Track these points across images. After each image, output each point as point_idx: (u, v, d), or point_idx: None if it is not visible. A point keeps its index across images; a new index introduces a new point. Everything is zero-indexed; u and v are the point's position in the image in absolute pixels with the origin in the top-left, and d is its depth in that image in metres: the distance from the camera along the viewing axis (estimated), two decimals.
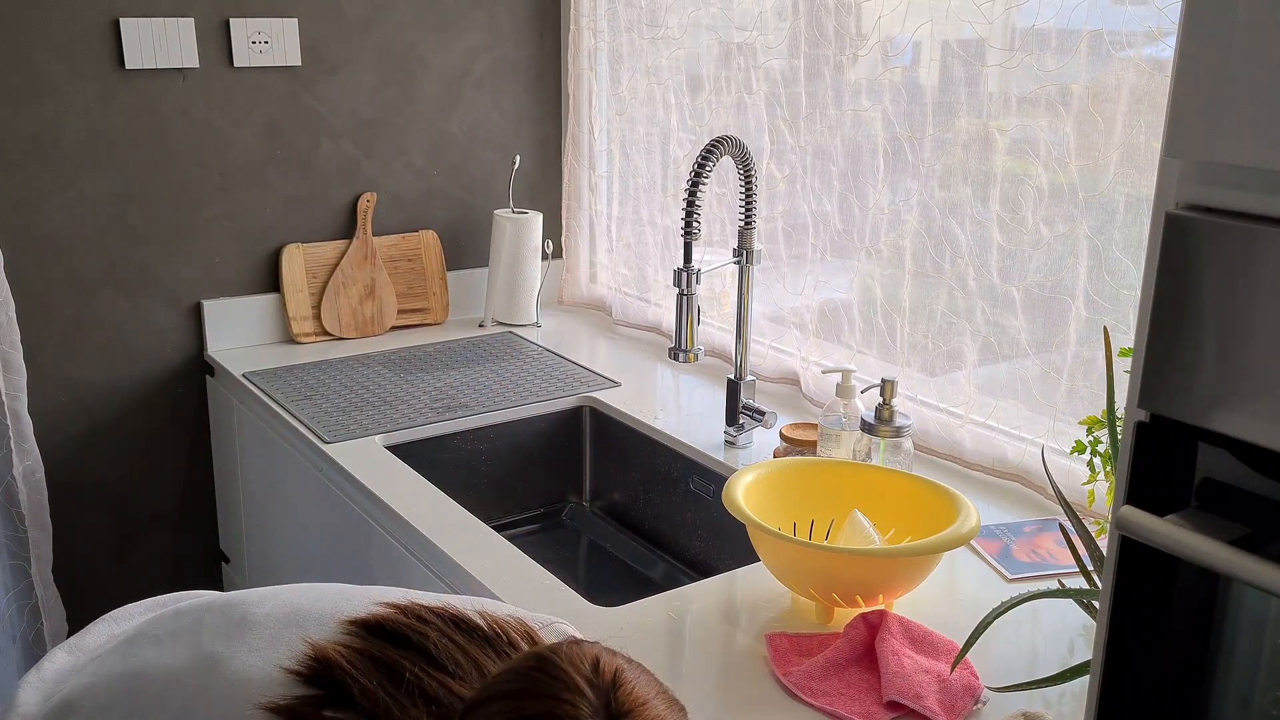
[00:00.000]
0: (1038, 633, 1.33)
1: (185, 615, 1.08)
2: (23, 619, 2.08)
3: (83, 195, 2.15)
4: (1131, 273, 1.53)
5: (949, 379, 1.81)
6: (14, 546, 2.05)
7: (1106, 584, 0.82)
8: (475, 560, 1.49)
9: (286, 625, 1.01)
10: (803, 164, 2.00)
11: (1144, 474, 0.78)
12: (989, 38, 1.64)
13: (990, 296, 1.72)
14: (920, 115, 1.78)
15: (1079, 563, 1.22)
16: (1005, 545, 1.53)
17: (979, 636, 1.11)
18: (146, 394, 2.30)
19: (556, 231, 2.65)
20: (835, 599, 1.32)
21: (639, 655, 1.28)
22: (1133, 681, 0.81)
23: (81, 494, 2.26)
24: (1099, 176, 1.54)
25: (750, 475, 1.46)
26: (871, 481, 1.51)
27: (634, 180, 2.45)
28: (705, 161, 1.71)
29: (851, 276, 1.95)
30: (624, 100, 2.43)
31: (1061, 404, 1.65)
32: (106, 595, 2.34)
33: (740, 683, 1.23)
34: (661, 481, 1.96)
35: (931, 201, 1.78)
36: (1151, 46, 1.45)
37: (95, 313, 2.21)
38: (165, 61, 2.16)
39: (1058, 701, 1.20)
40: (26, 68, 2.05)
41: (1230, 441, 0.73)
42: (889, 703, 1.18)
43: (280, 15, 2.25)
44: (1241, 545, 0.70)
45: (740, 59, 2.10)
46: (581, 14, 2.46)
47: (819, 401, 1.97)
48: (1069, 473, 1.57)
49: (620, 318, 2.50)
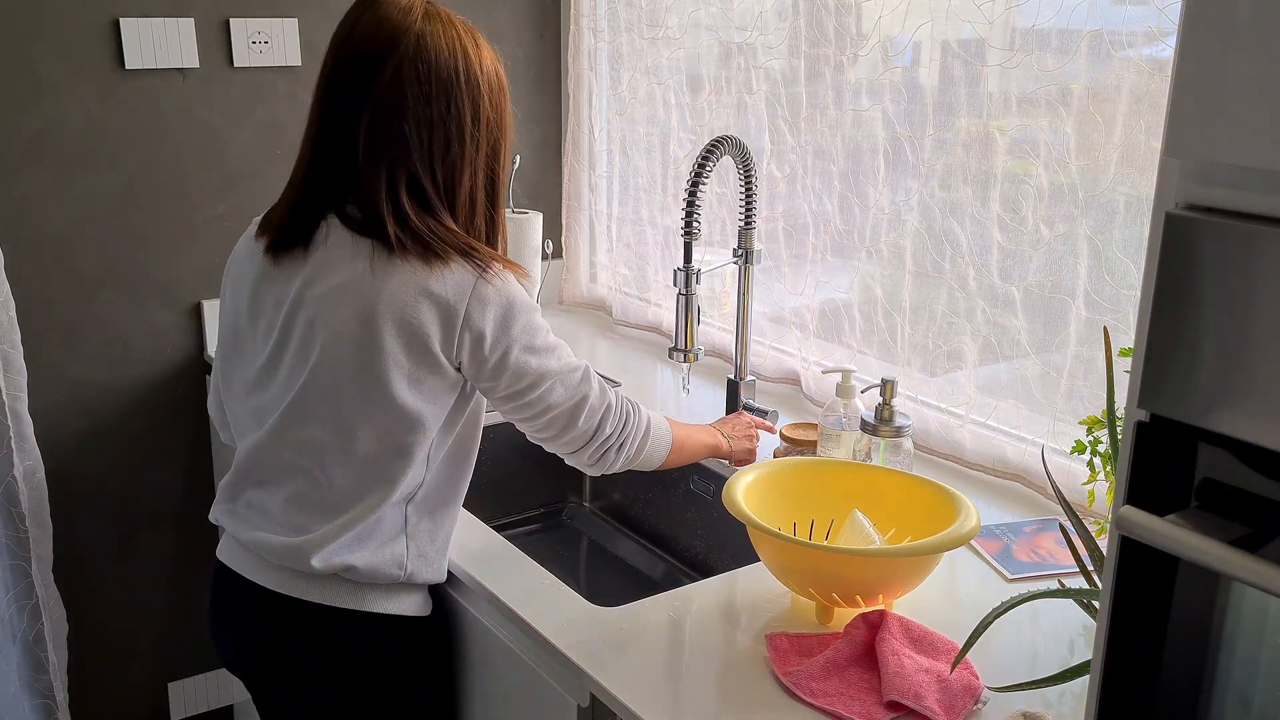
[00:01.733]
0: (1038, 633, 1.33)
1: None
2: (23, 619, 2.08)
3: (83, 195, 2.15)
4: (1131, 273, 1.53)
5: (949, 379, 1.81)
6: (14, 546, 2.04)
7: (1106, 584, 0.82)
8: (476, 560, 1.49)
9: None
10: (803, 164, 2.00)
11: (1144, 474, 0.78)
12: (989, 38, 1.64)
13: (990, 296, 1.72)
14: (920, 115, 1.78)
15: (1079, 563, 1.22)
16: (1005, 545, 1.53)
17: (979, 636, 1.11)
18: (146, 394, 2.30)
19: (556, 231, 2.65)
20: (835, 599, 1.32)
21: (639, 655, 1.29)
22: (1133, 681, 0.81)
23: (81, 494, 2.26)
24: (1099, 176, 1.54)
25: (750, 475, 1.46)
26: (871, 481, 1.51)
27: (634, 180, 2.45)
28: (705, 161, 1.71)
29: (852, 276, 1.95)
30: (624, 100, 2.43)
31: (1061, 404, 1.65)
32: (106, 595, 2.34)
33: (740, 683, 1.23)
34: (661, 481, 1.96)
35: (932, 201, 1.78)
36: (1151, 46, 1.45)
37: (95, 313, 2.21)
38: (165, 61, 2.16)
39: (1058, 701, 1.20)
40: (26, 68, 2.05)
41: (1230, 441, 0.73)
42: (889, 703, 1.18)
43: (280, 15, 2.25)
44: (1241, 545, 0.70)
45: (740, 59, 2.10)
46: (581, 14, 2.45)
47: (819, 401, 1.97)
48: (1069, 473, 1.57)
49: (620, 318, 2.50)
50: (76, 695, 2.25)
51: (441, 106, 1.34)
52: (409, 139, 1.33)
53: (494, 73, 1.40)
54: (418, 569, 1.42)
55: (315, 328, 1.34)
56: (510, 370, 1.36)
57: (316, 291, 1.34)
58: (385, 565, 1.39)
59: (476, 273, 1.33)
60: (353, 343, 1.32)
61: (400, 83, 1.33)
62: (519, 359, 1.36)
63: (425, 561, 1.43)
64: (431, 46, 1.34)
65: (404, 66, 1.33)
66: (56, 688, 2.14)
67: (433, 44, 1.34)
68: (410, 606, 1.44)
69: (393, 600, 1.42)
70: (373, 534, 1.38)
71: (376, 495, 1.36)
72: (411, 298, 1.31)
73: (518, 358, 1.36)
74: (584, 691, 1.27)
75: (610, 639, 1.31)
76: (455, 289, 1.32)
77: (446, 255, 1.32)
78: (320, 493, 1.37)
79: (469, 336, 1.33)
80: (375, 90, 1.33)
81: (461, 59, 1.35)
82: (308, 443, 1.36)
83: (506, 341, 1.34)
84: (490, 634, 1.44)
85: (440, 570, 1.46)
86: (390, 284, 1.31)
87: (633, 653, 1.29)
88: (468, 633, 1.50)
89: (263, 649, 1.45)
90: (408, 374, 1.32)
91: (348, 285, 1.33)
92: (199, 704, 2.50)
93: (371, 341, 1.31)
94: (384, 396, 1.32)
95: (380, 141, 1.33)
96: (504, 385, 1.38)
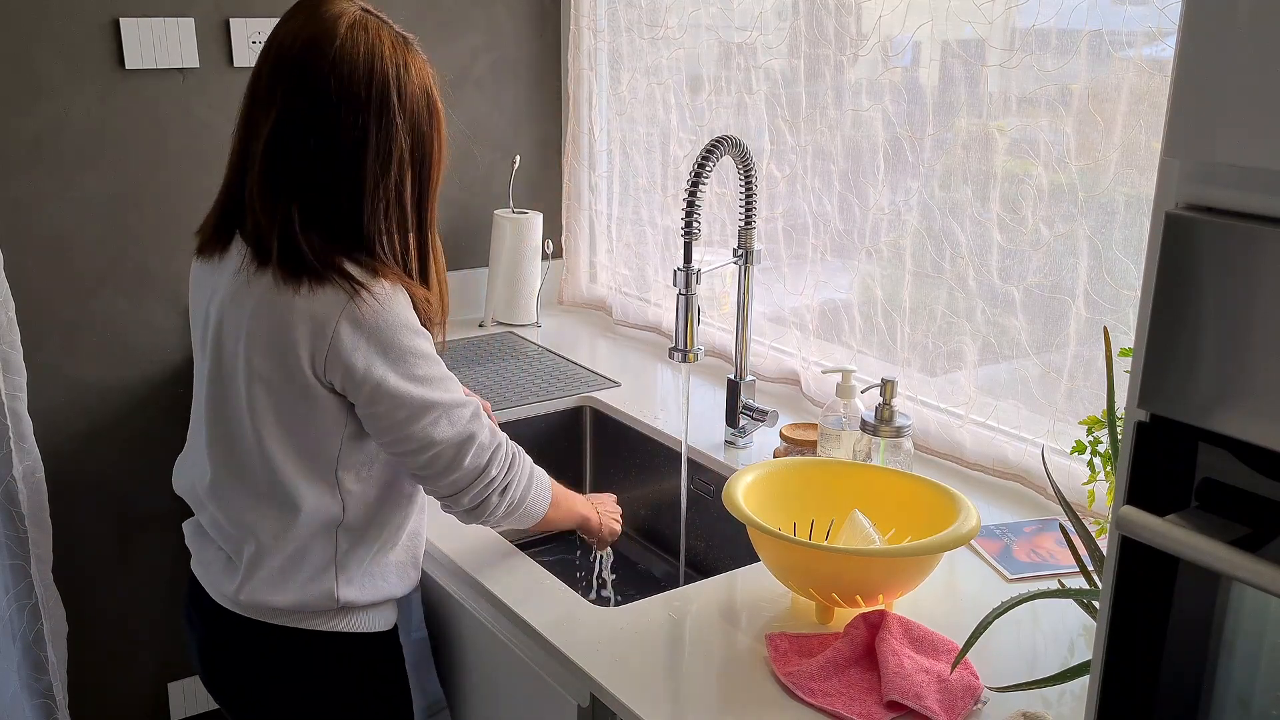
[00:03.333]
0: (1038, 633, 1.33)
1: None
2: (23, 619, 2.08)
3: (83, 195, 2.15)
4: (1131, 273, 1.53)
5: (949, 379, 1.81)
6: (14, 546, 2.04)
7: (1106, 584, 0.82)
8: (476, 560, 1.49)
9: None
10: (803, 164, 2.00)
11: (1144, 474, 0.78)
12: (989, 38, 1.64)
13: (990, 296, 1.72)
14: (920, 115, 1.78)
15: (1079, 563, 1.22)
16: (1005, 545, 1.53)
17: (979, 636, 1.11)
18: (146, 394, 2.30)
19: (556, 231, 2.65)
20: (835, 599, 1.32)
21: (639, 655, 1.29)
22: (1133, 681, 0.81)
23: (81, 494, 2.26)
24: (1099, 176, 1.54)
25: (750, 475, 1.46)
26: (871, 481, 1.51)
27: (634, 180, 2.45)
28: (705, 161, 1.71)
29: (852, 276, 1.95)
30: (624, 100, 2.43)
31: (1061, 404, 1.65)
32: (106, 595, 2.34)
33: (740, 683, 1.23)
34: (661, 481, 1.96)
35: (932, 201, 1.78)
36: (1151, 46, 1.45)
37: (95, 313, 2.21)
38: (165, 61, 2.16)
39: (1058, 701, 1.20)
40: (26, 68, 2.05)
41: (1230, 441, 0.73)
42: (889, 703, 1.18)
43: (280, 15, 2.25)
44: (1241, 545, 0.70)
45: (740, 59, 2.10)
46: (581, 14, 2.45)
47: (819, 401, 1.97)
48: (1069, 473, 1.57)
49: (620, 318, 2.49)
50: (76, 695, 2.25)
51: (349, 122, 1.27)
52: (310, 155, 1.27)
53: (422, 91, 1.32)
54: (353, 597, 1.38)
55: (213, 345, 1.35)
56: (387, 397, 1.29)
57: (215, 301, 1.35)
58: (313, 600, 1.36)
59: (349, 294, 1.26)
60: (233, 363, 1.31)
61: (309, 93, 1.27)
62: (397, 385, 1.28)
63: (360, 588, 1.38)
64: (347, 58, 1.27)
65: (313, 77, 1.27)
66: (56, 688, 2.14)
67: (349, 55, 1.27)
68: (365, 624, 1.42)
69: (342, 619, 1.40)
70: (297, 567, 1.35)
71: (280, 523, 1.34)
72: (280, 317, 1.27)
73: (396, 384, 1.28)
74: (584, 691, 1.27)
75: (610, 639, 1.31)
76: (325, 309, 1.25)
77: (323, 276, 1.26)
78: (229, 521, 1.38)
79: (339, 359, 1.27)
80: (283, 100, 1.28)
81: (380, 74, 1.28)
82: (215, 458, 1.37)
83: (381, 367, 1.27)
84: (490, 634, 1.44)
85: (388, 590, 1.41)
86: (264, 302, 1.28)
87: (633, 653, 1.29)
88: (468, 633, 1.50)
89: (220, 665, 1.45)
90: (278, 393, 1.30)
91: (230, 299, 1.32)
92: (199, 704, 2.50)
93: (247, 363, 1.30)
94: (260, 416, 1.31)
95: (279, 156, 1.28)
96: (383, 413, 1.30)
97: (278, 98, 1.28)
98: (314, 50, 1.27)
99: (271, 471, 1.32)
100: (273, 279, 1.27)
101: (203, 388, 1.39)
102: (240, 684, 1.44)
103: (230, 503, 1.37)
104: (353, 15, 1.29)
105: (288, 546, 1.34)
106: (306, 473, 1.32)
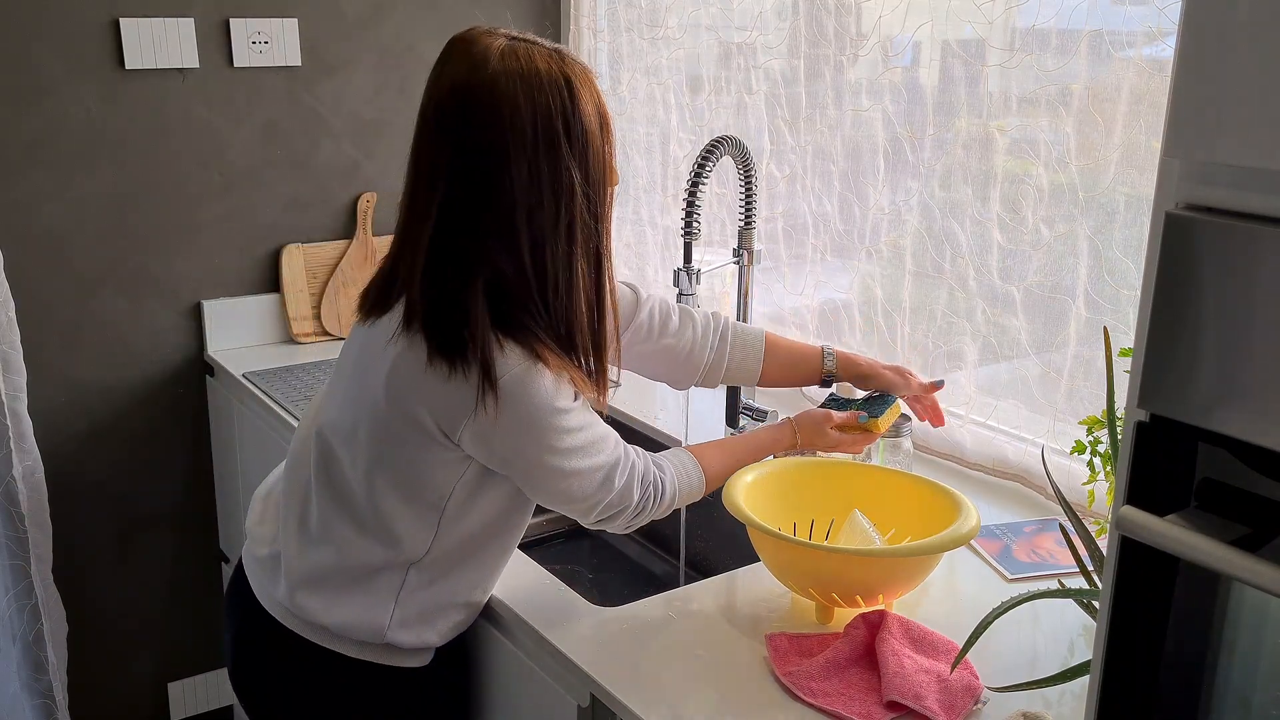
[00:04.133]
0: (1038, 633, 1.33)
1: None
2: (23, 619, 2.08)
3: (83, 195, 2.15)
4: (1131, 273, 1.53)
5: (949, 379, 1.81)
6: (14, 546, 2.05)
7: (1106, 584, 0.82)
8: None
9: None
10: (803, 164, 2.00)
11: (1144, 474, 0.78)
12: (989, 38, 1.64)
13: (990, 296, 1.72)
14: (920, 115, 1.78)
15: (1079, 563, 1.22)
16: (1005, 545, 1.53)
17: (979, 636, 1.11)
18: (146, 394, 2.30)
19: None
20: (835, 599, 1.32)
21: (639, 655, 1.29)
22: (1133, 681, 0.81)
23: (81, 494, 2.26)
24: (1099, 176, 1.54)
25: (750, 475, 1.46)
26: (871, 481, 1.51)
27: (634, 180, 2.45)
28: (705, 161, 1.71)
29: (852, 276, 1.95)
30: (624, 100, 2.43)
31: (1061, 404, 1.65)
32: (106, 595, 2.34)
33: (740, 683, 1.23)
34: None
35: (932, 201, 1.78)
36: (1151, 46, 1.45)
37: (95, 313, 2.21)
38: (165, 61, 2.16)
39: (1058, 701, 1.20)
40: (26, 68, 2.05)
41: (1230, 441, 0.73)
42: (889, 703, 1.18)
43: (280, 15, 2.25)
44: (1241, 545, 0.70)
45: (740, 59, 2.10)
46: (581, 14, 2.45)
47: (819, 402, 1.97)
48: (1069, 473, 1.57)
49: None
50: (76, 695, 2.25)
51: (524, 171, 1.18)
52: (480, 237, 1.20)
53: (593, 109, 1.23)
54: (400, 640, 1.34)
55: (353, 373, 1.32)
56: (521, 469, 1.28)
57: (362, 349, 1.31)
58: (359, 629, 1.33)
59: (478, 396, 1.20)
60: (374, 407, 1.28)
61: (479, 147, 1.18)
62: (539, 460, 1.26)
63: (410, 632, 1.35)
64: (507, 96, 1.18)
65: (471, 129, 1.18)
66: (56, 688, 2.14)
67: (507, 91, 1.18)
68: (403, 660, 1.38)
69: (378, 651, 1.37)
70: (357, 590, 1.33)
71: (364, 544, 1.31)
72: (414, 398, 1.23)
73: (535, 458, 1.26)
74: (584, 691, 1.27)
75: (610, 639, 1.31)
76: (460, 401, 1.21)
77: (468, 361, 1.20)
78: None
79: (470, 439, 1.24)
80: (446, 159, 1.20)
81: (543, 106, 1.19)
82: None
83: (523, 451, 1.25)
84: (490, 634, 1.44)
85: (432, 641, 1.37)
86: (403, 378, 1.24)
87: (633, 653, 1.29)
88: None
89: (245, 665, 1.44)
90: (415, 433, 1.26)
91: (372, 365, 1.28)
92: (199, 704, 2.50)
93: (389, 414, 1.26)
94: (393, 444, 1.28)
95: (451, 224, 1.21)
96: (517, 475, 1.30)
97: (439, 162, 1.21)
98: (466, 97, 1.19)
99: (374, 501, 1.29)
100: (422, 353, 1.23)
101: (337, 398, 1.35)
102: (265, 690, 1.43)
103: (324, 511, 1.34)
104: (500, 47, 1.22)
105: (356, 568, 1.31)
106: (407, 503, 1.29)
